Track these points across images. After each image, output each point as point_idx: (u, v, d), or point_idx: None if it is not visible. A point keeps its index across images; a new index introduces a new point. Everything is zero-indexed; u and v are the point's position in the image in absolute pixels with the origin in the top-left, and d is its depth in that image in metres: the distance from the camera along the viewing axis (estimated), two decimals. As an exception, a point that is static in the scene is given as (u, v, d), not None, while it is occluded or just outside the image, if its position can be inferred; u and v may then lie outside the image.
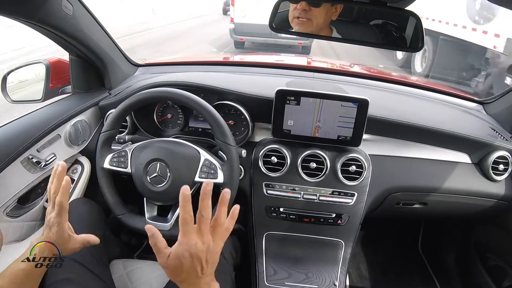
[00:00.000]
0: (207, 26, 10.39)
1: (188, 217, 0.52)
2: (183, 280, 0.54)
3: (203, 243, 0.53)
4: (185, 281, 0.54)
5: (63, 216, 0.63)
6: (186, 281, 0.53)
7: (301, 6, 0.76)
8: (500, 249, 1.21)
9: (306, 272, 0.99)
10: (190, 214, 0.52)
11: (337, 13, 0.76)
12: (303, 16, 0.76)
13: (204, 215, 0.53)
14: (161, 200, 0.83)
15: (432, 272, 1.49)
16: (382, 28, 0.78)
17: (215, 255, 0.55)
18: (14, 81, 1.04)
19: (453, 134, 0.99)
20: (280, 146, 0.96)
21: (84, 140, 1.05)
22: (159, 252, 0.54)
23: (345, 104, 0.90)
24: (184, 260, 0.52)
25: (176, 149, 0.82)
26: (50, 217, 0.63)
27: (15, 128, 0.88)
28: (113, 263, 0.90)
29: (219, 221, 0.55)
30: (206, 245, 0.53)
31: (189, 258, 0.52)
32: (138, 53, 5.00)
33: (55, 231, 0.62)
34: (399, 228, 1.66)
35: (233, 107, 0.99)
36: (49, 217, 0.63)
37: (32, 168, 0.87)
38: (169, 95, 0.83)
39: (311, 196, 0.98)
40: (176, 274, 0.54)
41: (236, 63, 1.46)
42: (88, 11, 0.94)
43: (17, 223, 0.88)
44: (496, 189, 1.04)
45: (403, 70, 5.96)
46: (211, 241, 0.54)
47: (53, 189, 0.64)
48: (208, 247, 0.53)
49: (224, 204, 0.55)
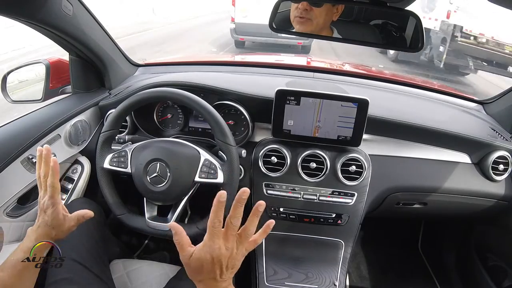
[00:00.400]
0: (207, 26, 10.35)
1: (217, 221, 0.53)
2: (201, 280, 0.54)
3: (227, 248, 0.53)
4: (203, 282, 0.54)
5: (56, 198, 0.65)
6: (204, 282, 0.54)
7: (302, 6, 0.76)
8: (500, 249, 1.21)
9: (306, 272, 0.99)
10: (220, 219, 0.53)
11: (338, 13, 0.76)
12: (304, 15, 0.77)
13: (233, 222, 0.54)
14: (161, 200, 0.83)
15: (432, 272, 1.49)
16: (382, 28, 0.78)
17: (236, 262, 0.56)
18: (14, 81, 1.04)
19: (453, 134, 0.99)
20: (280, 146, 0.96)
21: (84, 140, 1.05)
22: (182, 250, 0.55)
23: (345, 104, 0.90)
24: (205, 262, 0.53)
25: (176, 149, 0.82)
26: (43, 201, 0.64)
27: (15, 128, 0.88)
28: (113, 263, 0.90)
29: (247, 231, 0.56)
30: (229, 251, 0.54)
31: (211, 260, 0.53)
32: (137, 54, 5.02)
33: (50, 213, 0.64)
34: (399, 228, 1.66)
35: (233, 107, 0.99)
36: (43, 201, 0.64)
37: (32, 168, 0.87)
38: (169, 95, 0.83)
39: (311, 196, 0.98)
40: (195, 273, 0.54)
41: (236, 63, 1.46)
42: (88, 11, 0.94)
43: (17, 223, 0.88)
44: (496, 189, 1.04)
45: (396, 64, 6.58)
46: (234, 248, 0.55)
47: (42, 173, 0.65)
48: (231, 253, 0.54)
49: (257, 215, 0.56)
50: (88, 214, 0.69)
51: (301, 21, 0.77)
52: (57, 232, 0.65)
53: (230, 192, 0.80)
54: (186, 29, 9.66)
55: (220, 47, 7.07)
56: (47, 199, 0.64)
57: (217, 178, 0.80)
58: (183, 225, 0.83)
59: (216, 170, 0.81)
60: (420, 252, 1.59)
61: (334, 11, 0.76)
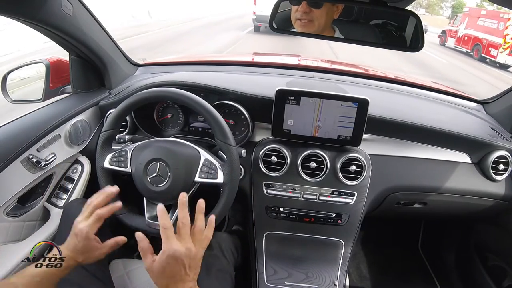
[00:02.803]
0: (206, 28, 10.28)
1: (167, 223, 0.57)
2: (166, 285, 0.56)
3: (185, 248, 0.56)
4: (169, 286, 0.56)
5: (94, 229, 0.66)
6: (171, 286, 0.56)
7: (302, 8, 0.76)
8: (500, 249, 1.21)
9: (306, 272, 0.99)
10: (168, 221, 0.58)
11: (339, 11, 0.76)
12: (305, 17, 0.76)
13: (184, 222, 0.58)
14: (161, 200, 0.83)
15: (432, 272, 1.49)
16: (382, 28, 0.78)
17: (197, 261, 0.59)
18: (16, 79, 1.04)
19: (453, 134, 0.99)
20: (280, 146, 0.96)
21: (84, 140, 1.05)
22: (145, 257, 0.58)
23: (345, 104, 0.90)
24: (168, 265, 0.55)
25: (176, 149, 0.82)
26: (82, 225, 0.65)
27: (15, 128, 0.88)
28: (113, 263, 0.90)
29: (198, 228, 0.60)
30: (188, 251, 0.56)
31: (173, 263, 0.55)
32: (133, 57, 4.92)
33: (82, 239, 0.64)
34: (399, 228, 1.66)
35: (233, 107, 0.99)
36: (82, 224, 0.65)
37: (32, 168, 0.87)
38: (169, 95, 0.82)
39: (311, 196, 0.98)
40: (160, 278, 0.57)
41: (236, 63, 1.46)
42: (88, 11, 0.94)
43: (17, 223, 0.88)
44: (496, 189, 1.04)
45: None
46: (192, 247, 0.58)
47: (95, 202, 0.68)
48: (190, 252, 0.57)
49: (201, 212, 0.61)
50: (122, 240, 0.70)
51: (302, 23, 0.77)
52: (85, 257, 0.66)
53: (230, 192, 0.80)
54: (184, 31, 9.54)
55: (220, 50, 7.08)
56: (85, 225, 0.65)
57: (217, 178, 0.80)
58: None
59: (216, 170, 0.81)
60: (420, 252, 1.59)
61: (334, 10, 0.76)
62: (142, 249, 0.58)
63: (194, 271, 0.58)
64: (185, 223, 0.58)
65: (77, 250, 0.64)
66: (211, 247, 0.92)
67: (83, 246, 0.64)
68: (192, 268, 0.57)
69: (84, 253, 0.65)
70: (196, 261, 0.58)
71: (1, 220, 0.84)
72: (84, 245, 0.64)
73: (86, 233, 0.64)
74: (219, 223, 0.83)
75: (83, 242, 0.64)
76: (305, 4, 0.75)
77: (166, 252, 0.56)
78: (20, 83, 1.09)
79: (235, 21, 12.56)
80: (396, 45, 0.82)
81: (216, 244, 0.93)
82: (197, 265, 0.59)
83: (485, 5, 16.19)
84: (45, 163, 0.90)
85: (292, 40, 8.03)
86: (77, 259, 0.64)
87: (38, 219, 0.96)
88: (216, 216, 0.79)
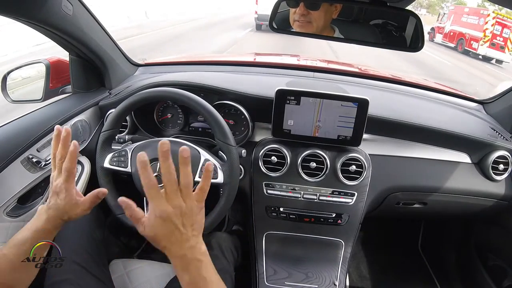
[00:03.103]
0: (204, 30, 10.19)
1: (148, 181, 0.52)
2: (165, 246, 0.53)
3: (174, 207, 0.52)
4: (167, 248, 0.53)
5: (71, 182, 0.62)
6: (168, 247, 0.53)
7: (300, 11, 0.75)
8: (500, 249, 1.21)
9: (306, 272, 0.99)
10: (150, 178, 0.52)
11: (338, 11, 0.76)
12: (303, 19, 0.76)
13: (168, 177, 0.52)
14: None
15: (432, 272, 1.49)
16: (382, 28, 0.78)
17: (192, 217, 0.54)
18: (18, 78, 1.04)
19: (453, 134, 0.99)
20: (280, 146, 0.96)
21: (84, 140, 1.05)
22: (136, 222, 0.54)
23: (345, 103, 0.90)
24: (159, 227, 0.52)
25: (176, 149, 0.82)
26: (57, 183, 0.62)
27: (15, 128, 0.88)
28: (113, 263, 0.90)
29: (183, 182, 0.53)
30: (177, 209, 0.52)
31: (163, 224, 0.52)
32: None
33: (63, 197, 0.61)
34: (399, 228, 1.66)
35: (233, 107, 0.99)
36: (56, 183, 0.62)
37: (32, 168, 0.87)
38: (169, 95, 0.82)
39: (311, 196, 0.98)
40: (156, 242, 0.53)
41: (236, 63, 1.46)
42: (88, 11, 0.94)
43: (17, 223, 0.88)
44: (496, 188, 1.04)
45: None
46: (181, 203, 0.53)
47: (59, 155, 0.62)
48: (180, 210, 0.52)
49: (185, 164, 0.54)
50: (101, 192, 0.65)
51: (301, 24, 0.77)
52: (70, 215, 0.62)
53: (230, 192, 0.80)
54: (180, 33, 9.25)
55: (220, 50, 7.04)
56: (60, 182, 0.62)
57: (217, 178, 0.80)
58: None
59: (216, 170, 0.80)
60: (420, 252, 1.59)
61: (333, 9, 0.75)
62: (131, 216, 0.54)
63: (191, 227, 0.54)
64: (169, 178, 0.52)
65: (60, 209, 0.61)
66: (211, 247, 0.92)
67: (66, 204, 0.61)
68: (187, 226, 0.53)
69: (68, 211, 0.62)
70: (192, 216, 0.54)
71: (1, 220, 0.84)
72: (67, 203, 0.61)
73: (64, 189, 0.61)
74: (219, 223, 0.83)
75: (64, 199, 0.61)
76: (303, 6, 0.75)
77: (152, 214, 0.52)
78: (23, 82, 1.09)
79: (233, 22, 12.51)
80: (396, 45, 0.82)
81: (216, 244, 0.93)
82: (193, 220, 0.54)
83: (486, 5, 16.60)
84: (45, 163, 0.90)
85: (292, 41, 8.01)
86: (62, 217, 0.62)
87: (38, 219, 0.96)
88: (214, 216, 0.78)
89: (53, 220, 0.61)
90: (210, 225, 0.80)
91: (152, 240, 0.53)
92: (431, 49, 11.29)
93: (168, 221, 0.52)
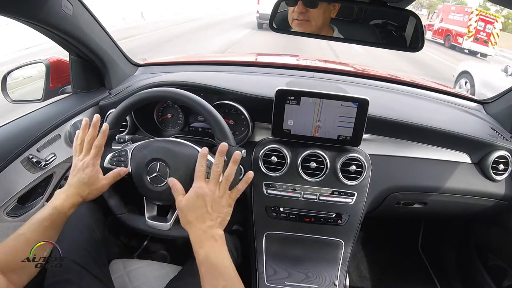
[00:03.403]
0: (202, 31, 10.09)
1: (200, 168, 0.67)
2: (190, 221, 0.63)
3: (209, 189, 0.64)
4: (191, 223, 0.63)
5: (98, 158, 0.73)
6: (192, 223, 0.63)
7: (298, 9, 0.76)
8: (500, 249, 1.21)
9: (306, 272, 0.99)
10: (203, 166, 0.67)
11: (336, 10, 0.76)
12: (301, 18, 0.76)
13: (215, 169, 0.66)
14: (161, 200, 0.83)
15: (432, 272, 1.49)
16: (382, 28, 0.78)
17: (220, 207, 0.65)
18: (19, 78, 1.05)
19: (453, 134, 0.99)
20: (280, 146, 0.96)
21: (84, 140, 1.05)
22: (177, 196, 0.66)
23: (345, 103, 0.90)
24: (191, 199, 0.64)
25: (176, 149, 0.82)
26: (84, 161, 0.71)
27: (15, 128, 0.88)
28: (113, 263, 0.90)
29: (227, 176, 0.66)
30: (211, 192, 0.64)
31: (197, 198, 0.63)
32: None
33: (89, 171, 0.70)
34: (399, 228, 1.66)
35: (233, 107, 0.99)
36: (84, 160, 0.71)
37: (32, 168, 0.87)
38: (169, 95, 0.82)
39: (311, 196, 0.98)
40: (185, 215, 0.64)
41: (236, 63, 1.46)
42: (88, 10, 0.94)
43: (17, 223, 0.88)
44: (496, 189, 1.04)
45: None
46: (216, 190, 0.65)
47: (89, 136, 0.74)
48: (213, 194, 0.64)
49: (234, 162, 0.67)
50: (123, 171, 0.76)
51: (299, 23, 0.77)
52: (90, 190, 0.70)
53: None
54: (176, 35, 8.99)
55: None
56: (89, 158, 0.71)
57: None
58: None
59: None
60: (420, 252, 1.59)
61: (331, 8, 0.76)
62: (176, 190, 0.67)
63: (217, 214, 0.64)
64: (216, 170, 0.65)
65: (83, 184, 0.69)
66: None
67: (90, 177, 0.70)
68: (214, 210, 0.63)
69: (90, 185, 0.70)
70: (220, 205, 0.64)
71: (1, 220, 0.84)
72: (91, 176, 0.70)
73: (91, 164, 0.71)
74: None
75: (90, 173, 0.70)
76: (301, 4, 0.75)
77: (192, 190, 0.64)
78: (24, 81, 1.09)
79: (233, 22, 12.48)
80: (396, 45, 0.82)
81: None
82: (220, 210, 0.64)
83: (487, 5, 17.22)
84: (45, 163, 0.90)
85: (292, 41, 8.01)
86: (82, 194, 0.69)
87: (38, 219, 0.96)
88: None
89: (72, 197, 0.68)
90: None
91: (183, 212, 0.64)
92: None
93: (200, 198, 0.63)
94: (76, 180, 0.69)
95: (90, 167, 0.70)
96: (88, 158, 0.71)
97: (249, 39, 9.25)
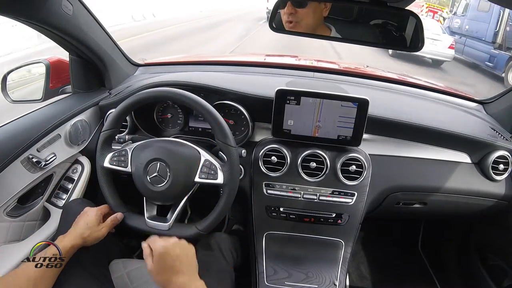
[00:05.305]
0: (201, 32, 9.98)
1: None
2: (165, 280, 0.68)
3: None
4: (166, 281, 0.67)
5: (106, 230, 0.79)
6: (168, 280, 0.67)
7: (288, 10, 0.76)
8: (500, 249, 1.21)
9: (306, 272, 0.99)
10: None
11: (327, 9, 0.75)
12: (292, 19, 0.76)
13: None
14: (160, 200, 0.83)
15: (432, 272, 1.49)
16: (382, 28, 0.78)
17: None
18: (26, 75, 1.04)
19: (453, 134, 0.99)
20: (280, 146, 0.96)
21: (84, 140, 1.05)
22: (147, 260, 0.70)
23: (345, 104, 0.90)
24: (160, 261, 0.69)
25: (176, 149, 0.82)
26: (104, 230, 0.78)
27: (15, 128, 0.88)
28: (113, 263, 0.90)
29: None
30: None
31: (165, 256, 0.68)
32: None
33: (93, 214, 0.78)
34: (399, 228, 1.66)
35: (233, 107, 0.99)
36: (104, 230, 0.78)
37: (32, 168, 0.87)
38: (169, 95, 0.82)
39: (311, 196, 0.98)
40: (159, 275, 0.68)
41: (236, 63, 1.46)
42: (88, 11, 0.94)
43: (17, 223, 0.88)
44: (496, 188, 1.04)
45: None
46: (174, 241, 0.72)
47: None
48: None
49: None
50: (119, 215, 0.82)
51: (290, 25, 0.77)
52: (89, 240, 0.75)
53: (230, 192, 0.80)
54: (174, 36, 8.46)
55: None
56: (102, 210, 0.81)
57: (217, 179, 0.80)
58: (182, 225, 0.83)
59: (216, 171, 0.80)
60: (420, 252, 1.59)
61: (322, 7, 0.75)
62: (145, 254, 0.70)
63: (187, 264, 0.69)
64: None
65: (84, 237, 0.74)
66: (211, 247, 0.92)
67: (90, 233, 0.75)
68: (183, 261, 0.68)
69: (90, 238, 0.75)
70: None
71: (1, 220, 0.84)
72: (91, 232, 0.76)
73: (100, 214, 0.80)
74: (219, 223, 0.83)
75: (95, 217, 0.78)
76: (290, 5, 0.75)
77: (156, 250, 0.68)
78: (26, 80, 1.09)
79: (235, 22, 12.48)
80: (395, 45, 0.82)
81: (215, 245, 0.93)
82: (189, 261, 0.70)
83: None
84: (45, 163, 0.90)
85: (296, 40, 8.01)
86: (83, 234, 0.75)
87: (38, 219, 0.96)
88: (214, 217, 0.80)
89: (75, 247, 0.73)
90: (210, 225, 0.80)
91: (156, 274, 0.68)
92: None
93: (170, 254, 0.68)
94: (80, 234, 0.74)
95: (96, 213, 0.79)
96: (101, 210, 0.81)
97: (261, 29, 9.94)
